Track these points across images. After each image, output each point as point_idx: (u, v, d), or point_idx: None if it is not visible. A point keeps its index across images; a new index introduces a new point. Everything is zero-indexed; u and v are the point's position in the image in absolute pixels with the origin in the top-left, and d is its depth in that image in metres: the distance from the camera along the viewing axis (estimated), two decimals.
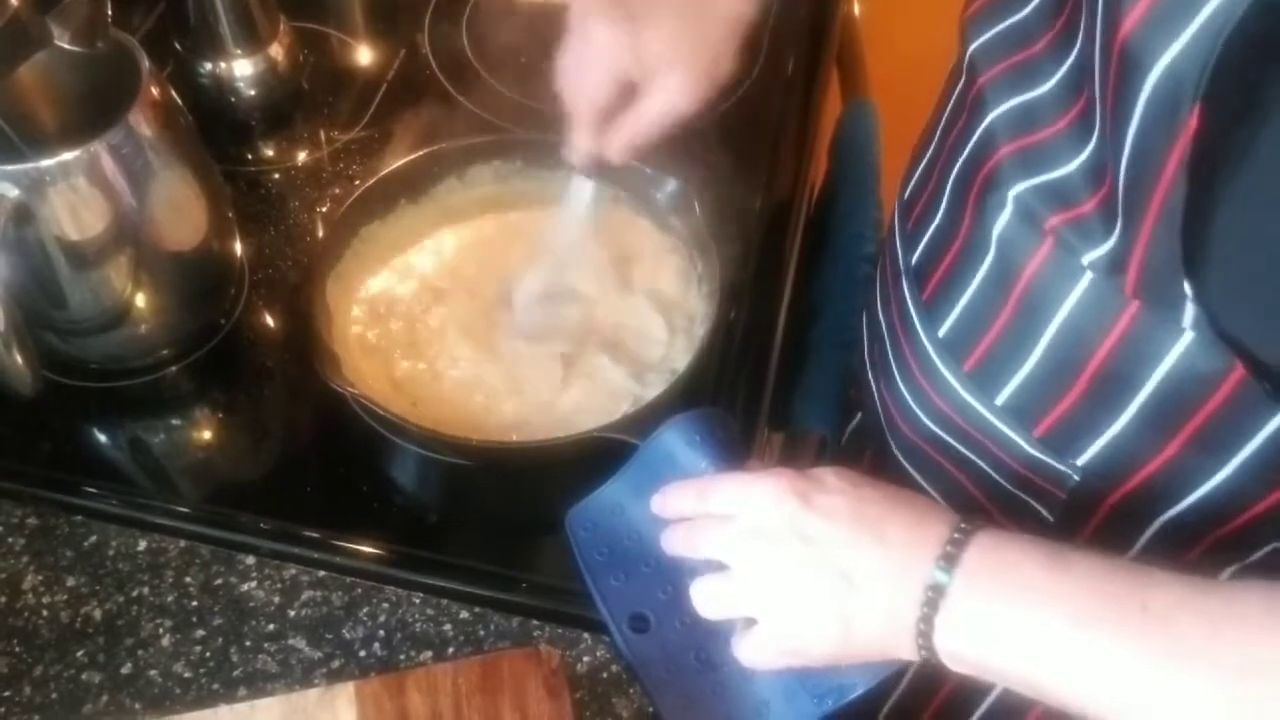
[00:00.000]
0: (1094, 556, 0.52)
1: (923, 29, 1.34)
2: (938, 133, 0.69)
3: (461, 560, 0.70)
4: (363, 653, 0.67)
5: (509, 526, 0.73)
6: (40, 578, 0.70)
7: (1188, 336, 0.51)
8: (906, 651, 0.54)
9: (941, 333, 0.64)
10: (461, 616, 0.68)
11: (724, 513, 0.60)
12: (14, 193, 0.65)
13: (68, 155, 0.66)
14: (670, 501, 0.63)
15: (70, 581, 0.69)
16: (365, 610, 0.69)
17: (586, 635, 0.67)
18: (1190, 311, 0.49)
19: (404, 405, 0.74)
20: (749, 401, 0.80)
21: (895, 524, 0.55)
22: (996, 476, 0.65)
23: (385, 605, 0.69)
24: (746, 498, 0.59)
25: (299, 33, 0.99)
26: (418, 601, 0.69)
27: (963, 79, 0.65)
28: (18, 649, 0.67)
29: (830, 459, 0.83)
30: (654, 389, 0.76)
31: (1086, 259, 0.53)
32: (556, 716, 0.63)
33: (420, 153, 0.83)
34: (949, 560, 0.52)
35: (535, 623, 0.68)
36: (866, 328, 0.78)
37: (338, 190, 0.90)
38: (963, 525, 0.53)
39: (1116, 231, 0.51)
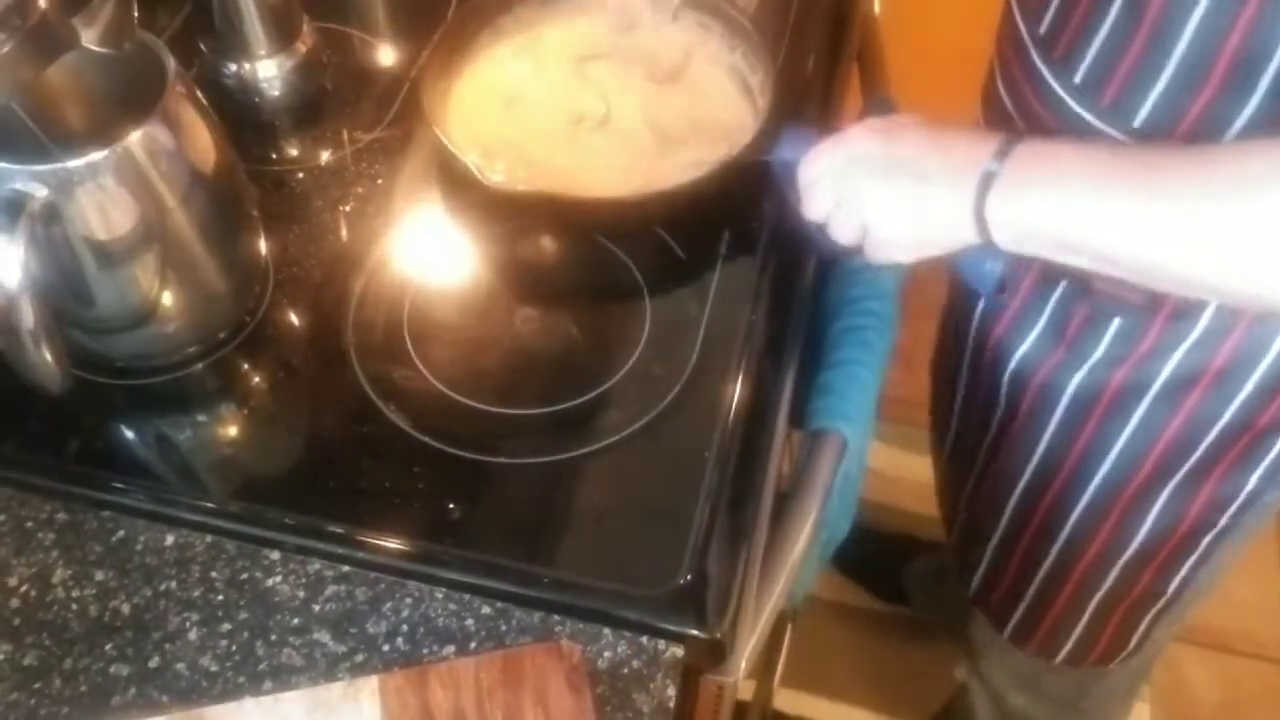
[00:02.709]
0: (1117, 145, 0.68)
1: (943, 26, 1.34)
2: None
3: (483, 555, 0.71)
4: (386, 647, 0.68)
5: (531, 522, 0.73)
6: (69, 572, 0.71)
7: None
8: (969, 232, 0.70)
9: (1078, 78, 0.72)
10: (483, 611, 0.69)
11: (829, 168, 0.75)
12: (42, 192, 0.66)
13: (95, 155, 0.67)
14: (798, 183, 0.78)
15: (99, 576, 0.70)
16: (388, 605, 0.69)
17: (608, 631, 0.68)
18: None
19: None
20: (768, 400, 0.81)
21: (959, 139, 0.71)
22: None
23: (408, 600, 0.69)
24: (839, 146, 0.75)
25: (322, 33, 1.00)
26: (440, 596, 0.70)
27: None
28: (47, 642, 0.68)
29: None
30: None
31: None
32: (578, 711, 0.63)
33: None
34: (1000, 155, 0.67)
35: (557, 618, 0.69)
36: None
37: (361, 189, 0.91)
38: (1012, 135, 0.68)
39: None
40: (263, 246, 0.84)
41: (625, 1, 0.96)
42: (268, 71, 0.96)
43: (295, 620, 0.69)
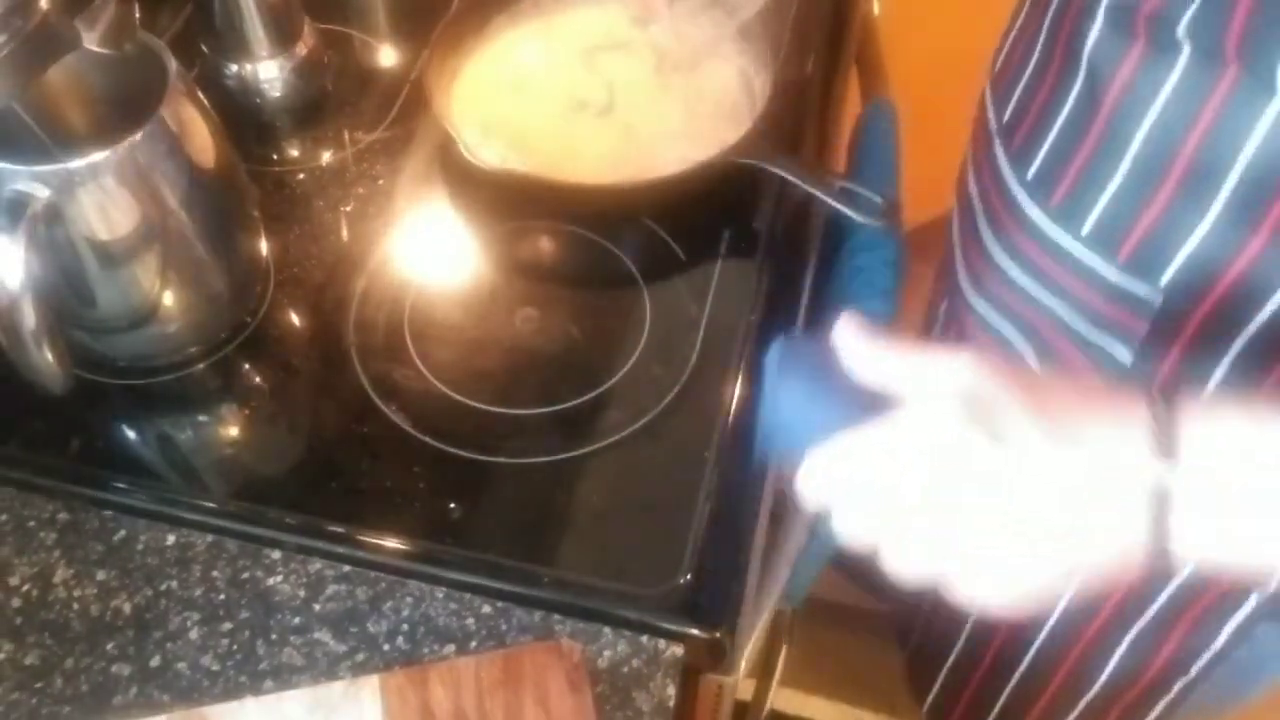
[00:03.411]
0: None
1: (943, 29, 1.34)
2: (1024, 9, 0.73)
3: (484, 555, 0.71)
4: (386, 646, 0.68)
5: (531, 521, 0.74)
6: (71, 571, 0.71)
7: (1276, 108, 0.52)
8: (1140, 563, 0.47)
9: (1030, 173, 0.67)
10: (484, 610, 0.69)
11: (881, 465, 0.49)
12: (44, 193, 0.66)
13: (97, 156, 0.67)
14: (811, 486, 0.50)
15: (100, 575, 0.71)
16: (389, 604, 0.69)
17: (608, 630, 0.68)
18: None
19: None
20: None
21: (1082, 421, 0.46)
22: (1078, 319, 0.67)
23: (409, 599, 0.70)
24: (900, 433, 0.48)
25: (323, 34, 1.00)
26: (440, 596, 0.70)
27: None
28: (49, 642, 0.68)
29: None
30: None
31: (1182, 26, 0.55)
32: (578, 710, 0.63)
33: None
34: (1164, 453, 0.45)
35: (557, 617, 0.69)
36: (956, 223, 0.82)
37: (361, 190, 0.91)
38: (1154, 406, 0.46)
39: None
40: (264, 247, 0.85)
41: None
42: (269, 72, 0.96)
43: (296, 619, 0.69)
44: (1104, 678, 0.86)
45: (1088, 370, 0.69)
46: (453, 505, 0.74)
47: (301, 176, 0.93)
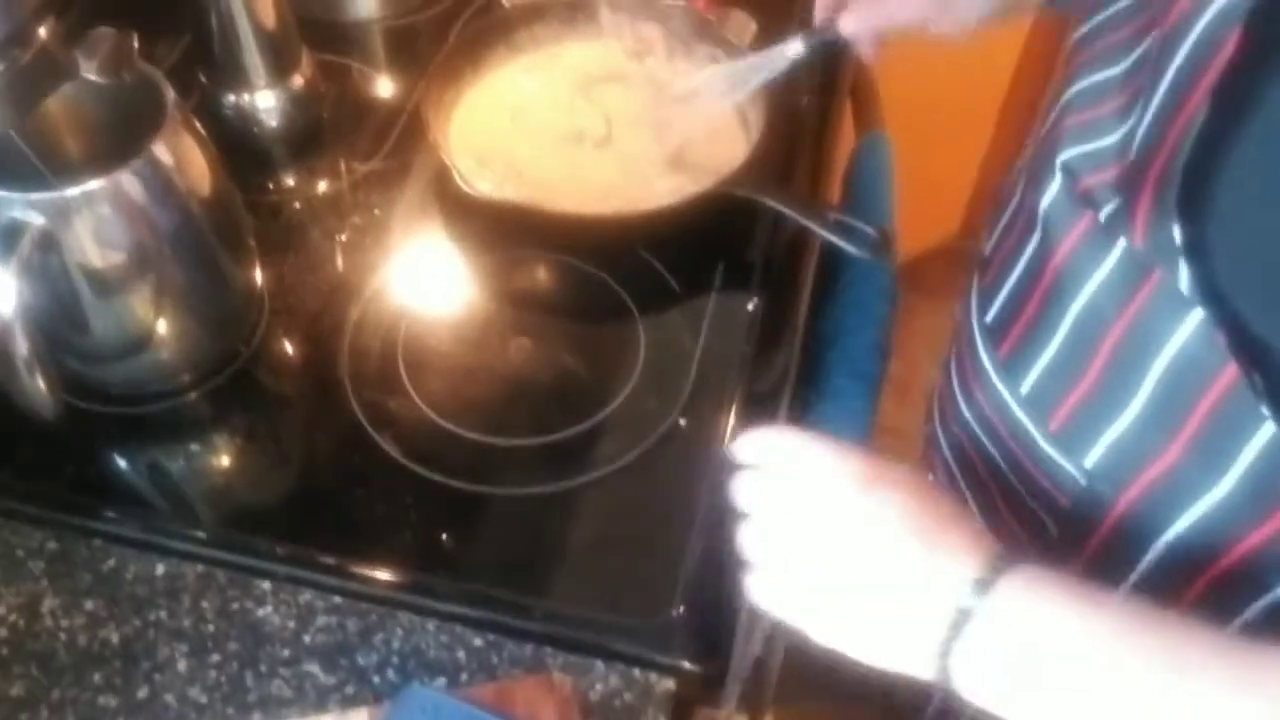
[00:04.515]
0: (1130, 608, 0.50)
1: (936, 63, 1.35)
2: (1036, 130, 0.72)
3: (475, 586, 0.71)
4: (376, 679, 0.67)
5: (523, 553, 0.73)
6: (58, 601, 0.70)
7: (1195, 318, 0.52)
8: (923, 670, 0.53)
9: (989, 317, 0.66)
10: (475, 643, 0.69)
11: (781, 466, 0.58)
12: (39, 220, 0.67)
13: (93, 184, 0.68)
14: (739, 448, 0.60)
15: (88, 605, 0.70)
16: (379, 636, 0.69)
17: (600, 663, 0.67)
18: (1186, 275, 0.50)
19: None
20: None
21: (948, 537, 0.53)
22: (1012, 479, 0.66)
23: (399, 631, 0.69)
24: (811, 458, 0.57)
25: (321, 64, 1.00)
26: (431, 628, 0.69)
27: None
28: (35, 672, 0.67)
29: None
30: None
31: (1104, 214, 0.55)
32: None
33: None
34: (983, 586, 0.51)
35: (548, 650, 0.68)
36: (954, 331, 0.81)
37: (357, 219, 0.92)
38: (1003, 556, 0.52)
39: (1125, 181, 0.53)
40: (258, 276, 0.85)
41: (642, 29, 0.98)
42: (266, 102, 0.96)
43: (285, 651, 0.68)
44: None
45: (1021, 540, 0.67)
46: (445, 536, 0.74)
47: (298, 206, 0.93)
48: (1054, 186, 0.60)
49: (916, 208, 1.04)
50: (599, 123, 0.94)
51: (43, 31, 0.65)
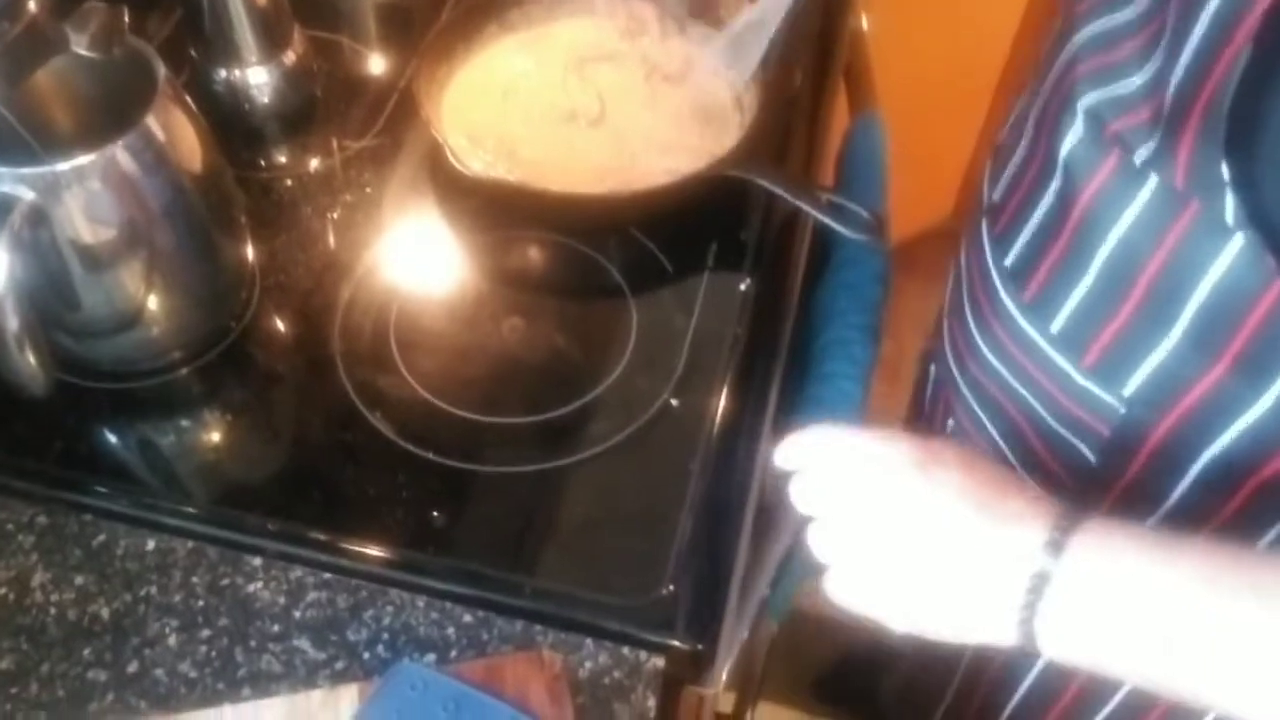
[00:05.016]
0: (1205, 546, 0.51)
1: (931, 43, 1.35)
2: (1034, 80, 0.72)
3: (466, 564, 0.71)
4: (366, 654, 0.67)
5: (514, 531, 0.74)
6: (49, 576, 0.70)
7: (1236, 244, 0.53)
8: (1005, 636, 0.54)
9: (1008, 261, 0.67)
10: (465, 620, 0.69)
11: (836, 466, 0.58)
12: (29, 195, 0.66)
13: (83, 159, 0.67)
14: (783, 457, 0.61)
15: (78, 580, 0.70)
16: (370, 612, 0.69)
17: (589, 640, 0.68)
18: (1232, 206, 0.51)
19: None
20: (753, 413, 0.81)
21: (1010, 504, 0.54)
22: (1045, 414, 0.67)
23: (389, 608, 0.69)
24: (864, 453, 0.57)
25: (313, 41, 1.00)
26: (422, 605, 0.69)
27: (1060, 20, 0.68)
28: (25, 646, 0.67)
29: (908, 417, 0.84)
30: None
31: (1139, 156, 0.55)
32: None
33: None
34: (1053, 547, 0.51)
35: (538, 627, 0.68)
36: (951, 279, 0.81)
37: (349, 197, 0.91)
38: (1067, 514, 0.53)
39: (1163, 122, 0.53)
40: (250, 253, 0.84)
41: (636, 8, 0.97)
42: (258, 78, 0.96)
43: (276, 627, 0.68)
44: None
45: (1058, 471, 0.68)
46: (435, 514, 0.74)
47: (289, 183, 0.93)
48: (1075, 131, 0.60)
49: (909, 189, 1.04)
50: (593, 102, 0.94)
51: (32, 4, 0.65)
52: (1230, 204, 0.51)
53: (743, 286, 0.86)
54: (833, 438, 0.59)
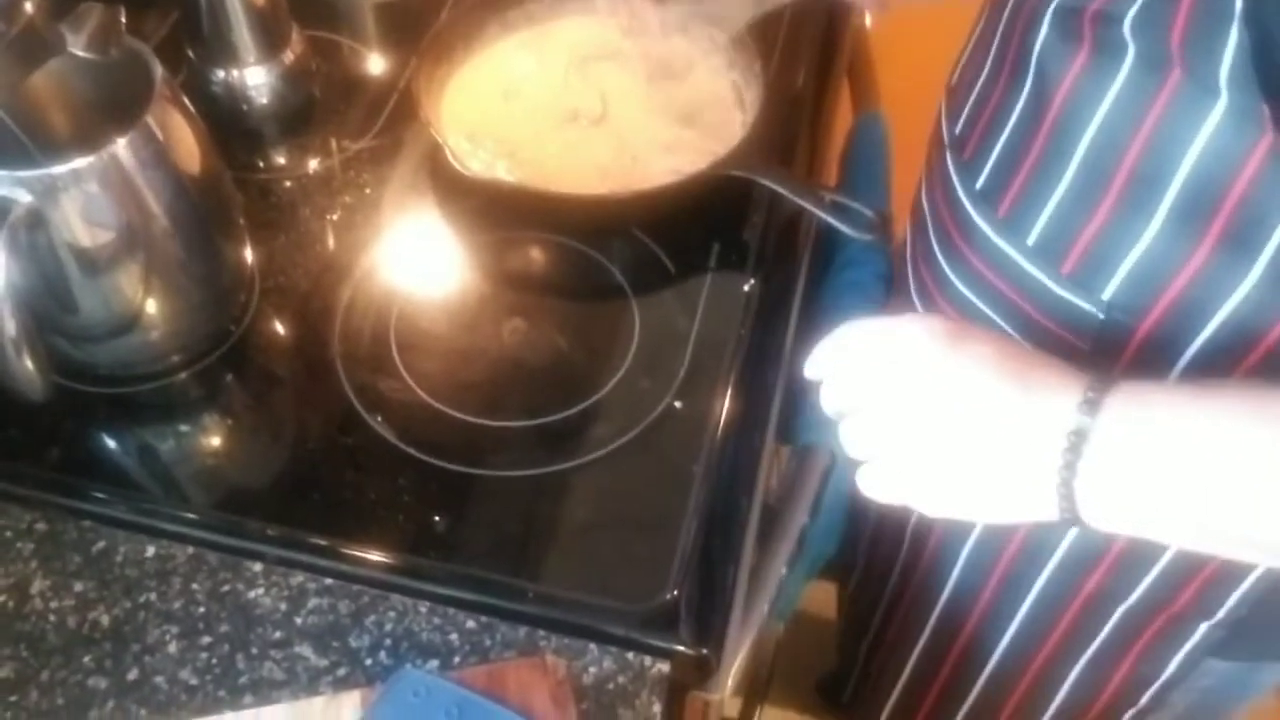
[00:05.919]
0: (1238, 386, 0.52)
1: (934, 42, 1.34)
2: (983, 19, 0.73)
3: (468, 569, 0.70)
4: (369, 661, 0.67)
5: (516, 535, 0.73)
6: (48, 583, 0.70)
7: (1220, 109, 0.52)
8: (1046, 507, 0.53)
9: (979, 184, 0.67)
10: (468, 626, 0.68)
11: (864, 356, 0.58)
12: (26, 198, 0.66)
13: (80, 161, 0.67)
14: (812, 365, 0.60)
15: (78, 587, 0.70)
16: (371, 619, 0.69)
17: (593, 646, 0.67)
18: (1230, 60, 0.50)
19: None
20: (756, 413, 0.80)
21: (1038, 370, 0.54)
22: (1021, 337, 0.67)
23: (391, 614, 0.69)
24: (891, 335, 0.57)
25: (311, 41, 0.99)
26: (424, 610, 0.69)
27: None
28: (24, 654, 0.67)
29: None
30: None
31: (1127, 22, 0.54)
32: None
33: None
34: (1091, 405, 0.51)
35: (542, 633, 0.68)
36: (910, 231, 0.82)
37: (348, 198, 0.91)
38: (1100, 377, 0.52)
39: None
40: (248, 255, 0.84)
41: (637, 7, 0.97)
42: (256, 79, 0.95)
43: (277, 633, 0.68)
44: (1055, 706, 0.85)
45: None
46: (437, 518, 0.73)
47: (288, 184, 0.92)
48: (1044, 31, 0.61)
49: (913, 189, 1.03)
50: (594, 101, 0.93)
51: (29, 6, 0.64)
52: (1228, 58, 0.50)
53: (746, 287, 0.85)
54: (859, 328, 0.59)
